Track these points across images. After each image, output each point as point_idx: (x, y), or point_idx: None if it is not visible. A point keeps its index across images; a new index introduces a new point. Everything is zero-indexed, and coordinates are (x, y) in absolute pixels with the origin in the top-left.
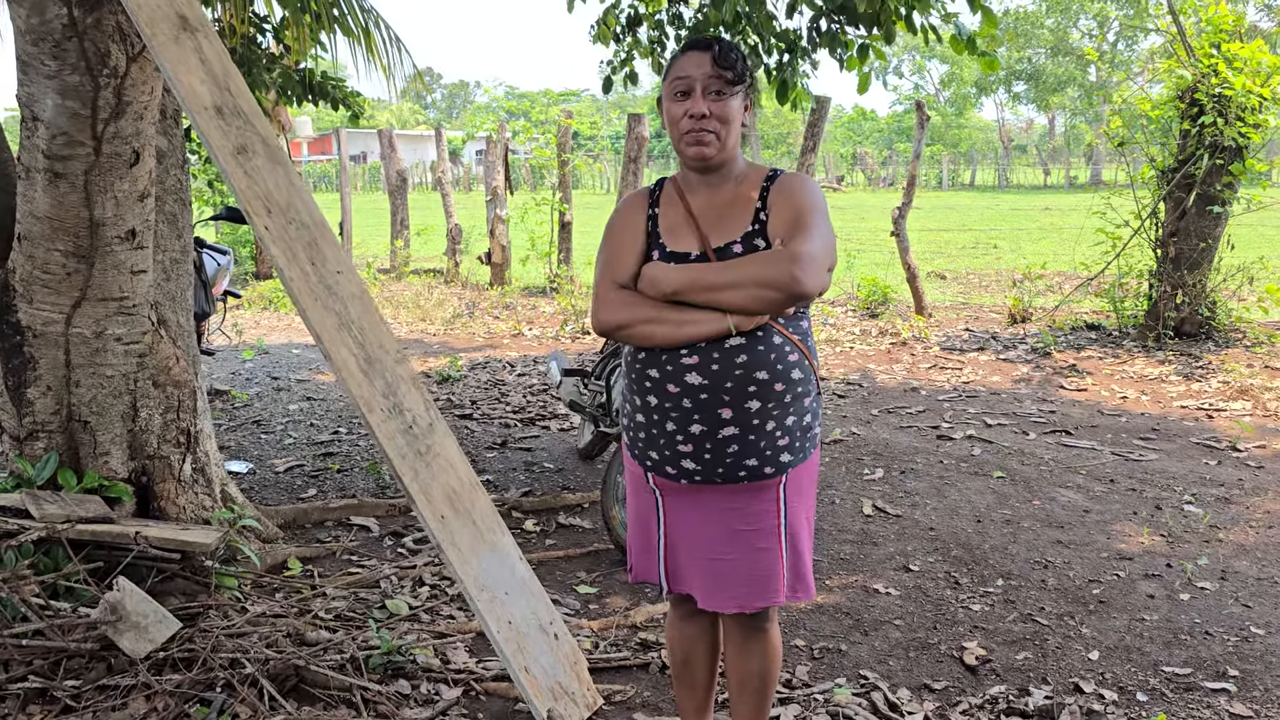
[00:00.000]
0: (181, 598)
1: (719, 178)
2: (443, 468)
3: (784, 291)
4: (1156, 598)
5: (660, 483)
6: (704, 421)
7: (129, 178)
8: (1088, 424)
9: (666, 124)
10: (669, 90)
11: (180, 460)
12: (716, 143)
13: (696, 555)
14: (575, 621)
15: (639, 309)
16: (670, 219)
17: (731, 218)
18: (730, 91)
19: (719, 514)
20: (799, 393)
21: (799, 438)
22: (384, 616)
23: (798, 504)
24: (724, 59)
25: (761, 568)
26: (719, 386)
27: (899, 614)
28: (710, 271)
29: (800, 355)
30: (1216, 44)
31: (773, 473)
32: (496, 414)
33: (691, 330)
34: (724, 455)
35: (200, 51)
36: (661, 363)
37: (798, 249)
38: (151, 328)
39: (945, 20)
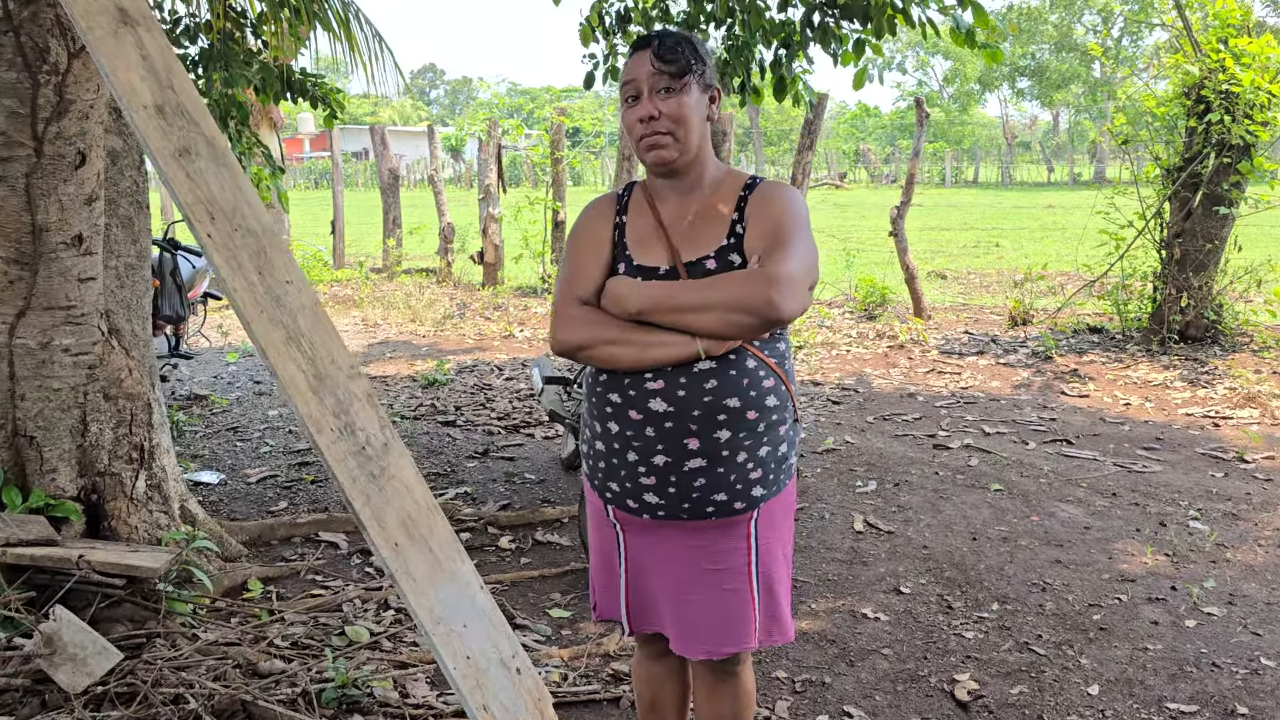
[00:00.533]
0: (129, 624)
1: (689, 184)
2: (398, 491)
3: (759, 316)
4: (1160, 624)
5: (621, 516)
6: (668, 452)
7: (74, 180)
8: (1089, 432)
9: (625, 131)
10: (621, 97)
11: (133, 477)
12: (674, 143)
13: (663, 595)
14: (544, 649)
15: (601, 328)
16: (638, 229)
17: (705, 230)
18: (678, 85)
19: (684, 551)
20: (773, 421)
21: (773, 469)
22: (343, 644)
23: (771, 540)
24: (666, 53)
25: (731, 610)
26: (685, 414)
27: (887, 642)
28: (680, 291)
29: (776, 380)
30: (1224, 39)
31: (743, 508)
32: (480, 420)
33: (657, 353)
34: (690, 489)
35: (141, 46)
36: (624, 387)
37: (776, 270)
38: (102, 338)
39: (943, 14)
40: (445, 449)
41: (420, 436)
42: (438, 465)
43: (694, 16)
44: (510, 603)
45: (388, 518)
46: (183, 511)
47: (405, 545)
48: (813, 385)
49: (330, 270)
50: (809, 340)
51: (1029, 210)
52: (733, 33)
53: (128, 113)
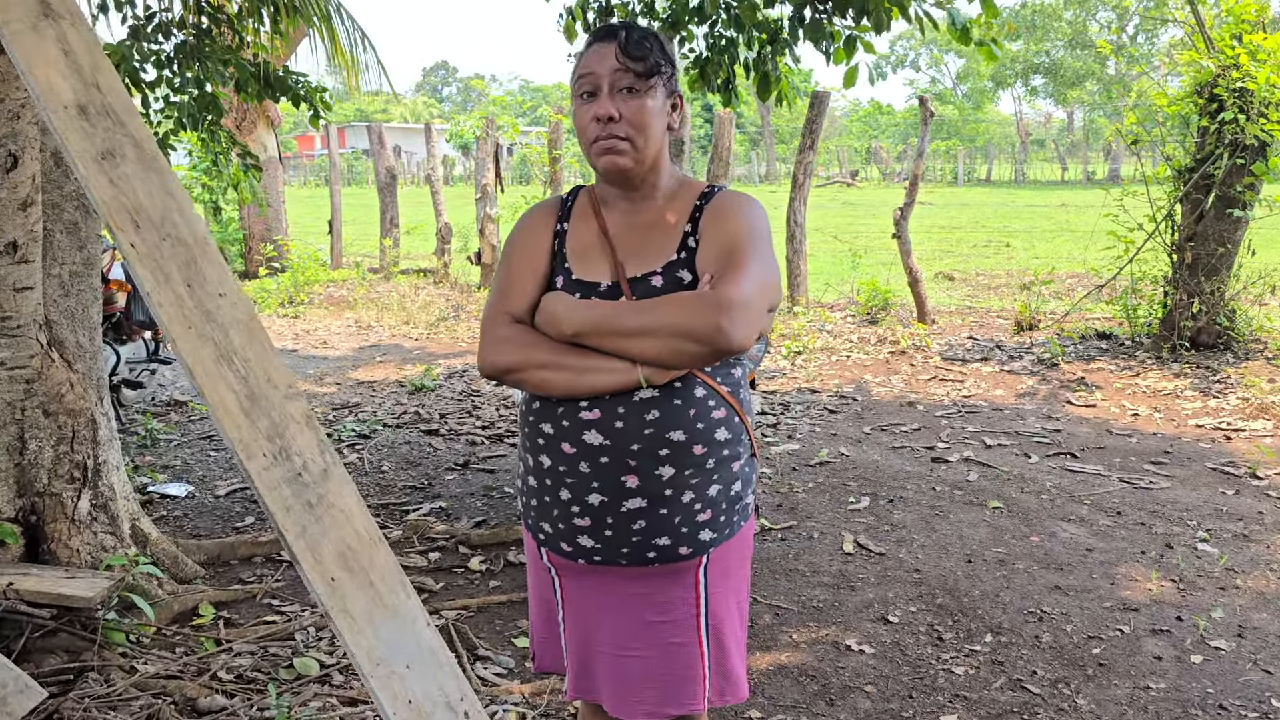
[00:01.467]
0: (63, 656)
1: (642, 194)
2: (336, 521)
3: (708, 345)
4: (1164, 659)
5: (556, 560)
6: (604, 490)
7: (6, 184)
8: (1095, 445)
9: (576, 131)
10: (574, 91)
11: (74, 497)
12: (632, 150)
13: (601, 648)
14: (505, 684)
15: (533, 351)
16: (580, 239)
17: (654, 243)
18: (643, 87)
19: (625, 601)
20: (724, 456)
21: (724, 510)
22: (291, 678)
23: (723, 588)
24: (633, 48)
25: (677, 667)
26: (623, 448)
27: (871, 677)
28: (620, 313)
29: (729, 411)
30: (1238, 35)
31: (690, 553)
32: (464, 430)
33: (594, 380)
34: (629, 532)
35: (64, 41)
36: (557, 416)
37: (728, 293)
38: (41, 350)
39: (940, 6)
40: (425, 460)
41: (400, 446)
42: (415, 477)
43: (679, 13)
44: (475, 630)
45: (324, 550)
46: (134, 531)
47: (343, 580)
48: (810, 393)
49: (327, 270)
50: (808, 346)
51: (1041, 209)
52: (716, 30)
53: (44, 113)
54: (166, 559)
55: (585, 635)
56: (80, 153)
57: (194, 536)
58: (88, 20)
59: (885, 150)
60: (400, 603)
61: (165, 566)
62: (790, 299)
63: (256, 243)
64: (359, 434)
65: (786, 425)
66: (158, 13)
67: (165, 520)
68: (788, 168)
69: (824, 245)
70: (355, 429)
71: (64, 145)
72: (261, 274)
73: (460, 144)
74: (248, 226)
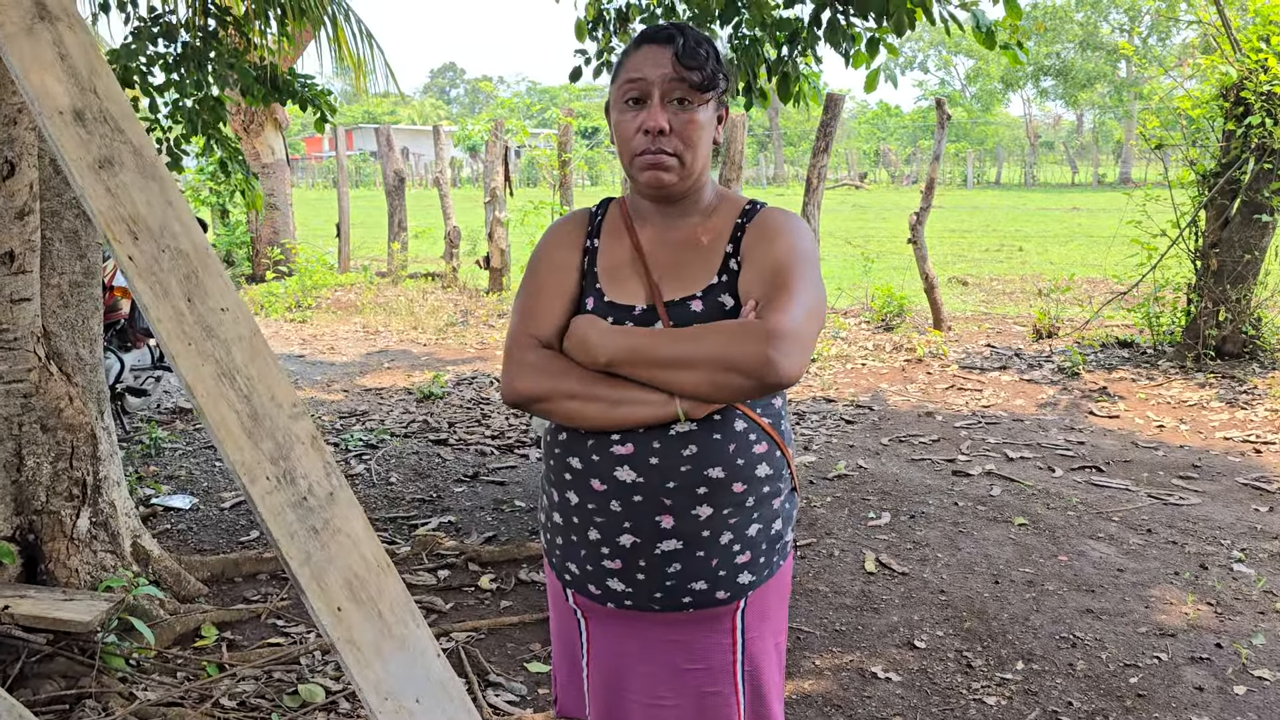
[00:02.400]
0: (60, 682)
1: (680, 209)
2: (343, 547)
3: (755, 379)
4: (1206, 690)
5: (582, 603)
6: (637, 531)
7: (3, 192)
8: (1120, 458)
9: (614, 138)
10: (619, 95)
11: (73, 515)
12: (679, 167)
13: (630, 696)
14: (517, 713)
15: (562, 379)
16: (613, 257)
17: (692, 264)
18: (698, 100)
19: (658, 648)
20: (765, 494)
21: (764, 551)
22: (295, 705)
23: (761, 631)
24: (690, 57)
25: (710, 716)
26: (658, 486)
27: (899, 708)
28: (660, 342)
29: (770, 445)
30: (1265, 37)
31: (727, 598)
32: (474, 439)
33: (628, 413)
34: (663, 576)
35: (60, 45)
36: (586, 450)
37: (777, 323)
38: (39, 364)
39: (964, 8)
40: (434, 471)
41: (409, 456)
42: (423, 490)
43: (701, 15)
44: (485, 654)
45: (330, 578)
46: (135, 549)
47: (350, 610)
48: (825, 402)
49: (334, 274)
50: (823, 353)
51: (1053, 213)
52: (740, 31)
53: (39, 119)
54: (168, 577)
55: (611, 682)
56: (76, 160)
57: (198, 551)
58: (86, 22)
59: (894, 153)
60: (409, 633)
61: (167, 585)
62: None
63: (264, 246)
64: (366, 444)
65: (802, 436)
66: (162, 14)
67: (169, 534)
68: (795, 170)
69: (836, 249)
70: (363, 438)
71: (59, 152)
72: (269, 277)
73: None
74: (255, 230)
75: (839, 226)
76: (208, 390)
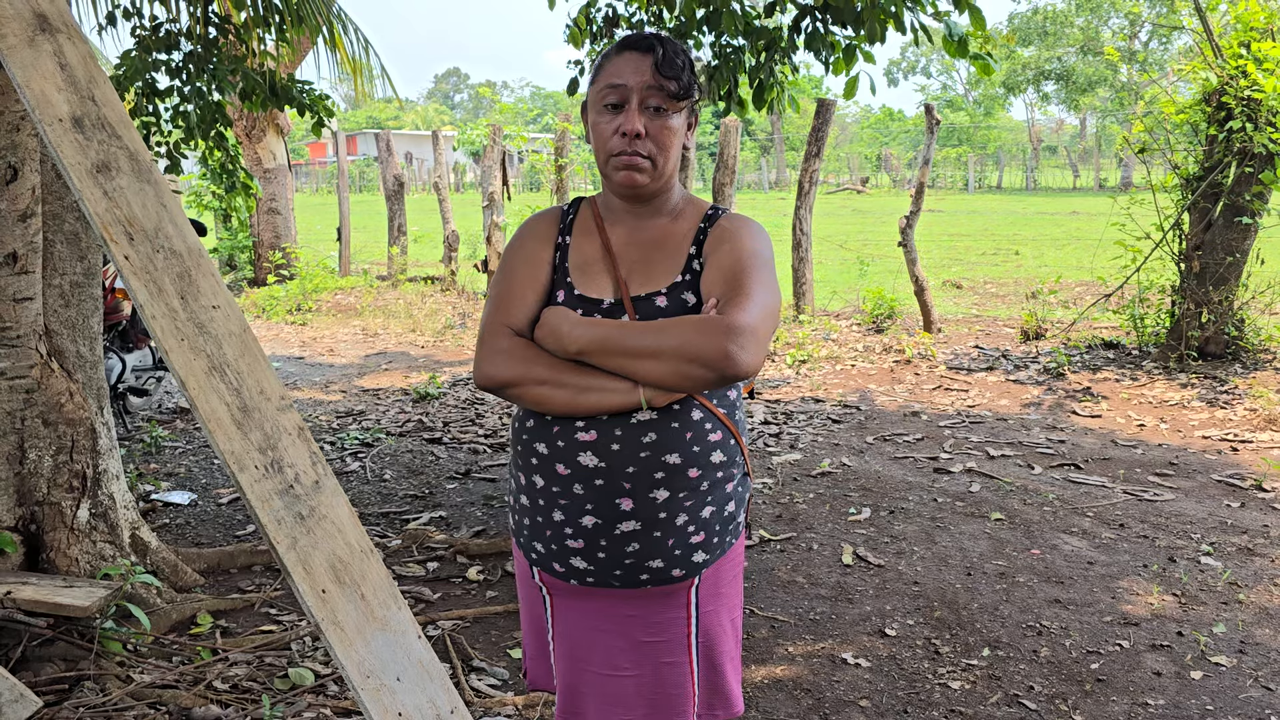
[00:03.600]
0: (60, 665)
1: (650, 209)
2: (328, 533)
3: (714, 370)
4: (1164, 675)
5: (548, 580)
6: (599, 513)
7: (6, 196)
8: (1099, 456)
9: (591, 138)
10: (596, 98)
11: (74, 506)
12: (651, 169)
13: (591, 668)
14: (499, 696)
15: (532, 366)
16: (583, 253)
17: (658, 262)
18: (673, 108)
19: (618, 622)
20: (718, 479)
21: (717, 531)
22: (285, 688)
23: (714, 606)
24: (669, 66)
25: (667, 686)
26: (619, 470)
27: (867, 691)
28: (627, 333)
29: (724, 433)
30: (1246, 43)
31: (682, 575)
32: (467, 438)
33: (594, 400)
34: (622, 554)
35: (60, 55)
36: (552, 436)
37: (736, 319)
38: (41, 360)
39: (938, 19)
40: (427, 468)
41: (403, 454)
42: (416, 486)
43: (688, 22)
44: (470, 641)
45: (315, 562)
46: (133, 540)
47: (334, 592)
48: (814, 402)
49: (335, 278)
50: (813, 354)
51: (1052, 217)
52: (722, 40)
53: (40, 126)
54: (166, 567)
55: (575, 654)
56: (74, 165)
57: (195, 544)
58: (85, 34)
59: (896, 157)
60: (391, 615)
61: (165, 575)
62: (796, 307)
63: (266, 250)
64: (362, 442)
65: (789, 435)
66: (164, 23)
67: (167, 528)
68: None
69: (831, 253)
70: (359, 437)
71: (58, 158)
72: (270, 281)
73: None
74: (257, 234)
75: (838, 230)
76: (199, 384)
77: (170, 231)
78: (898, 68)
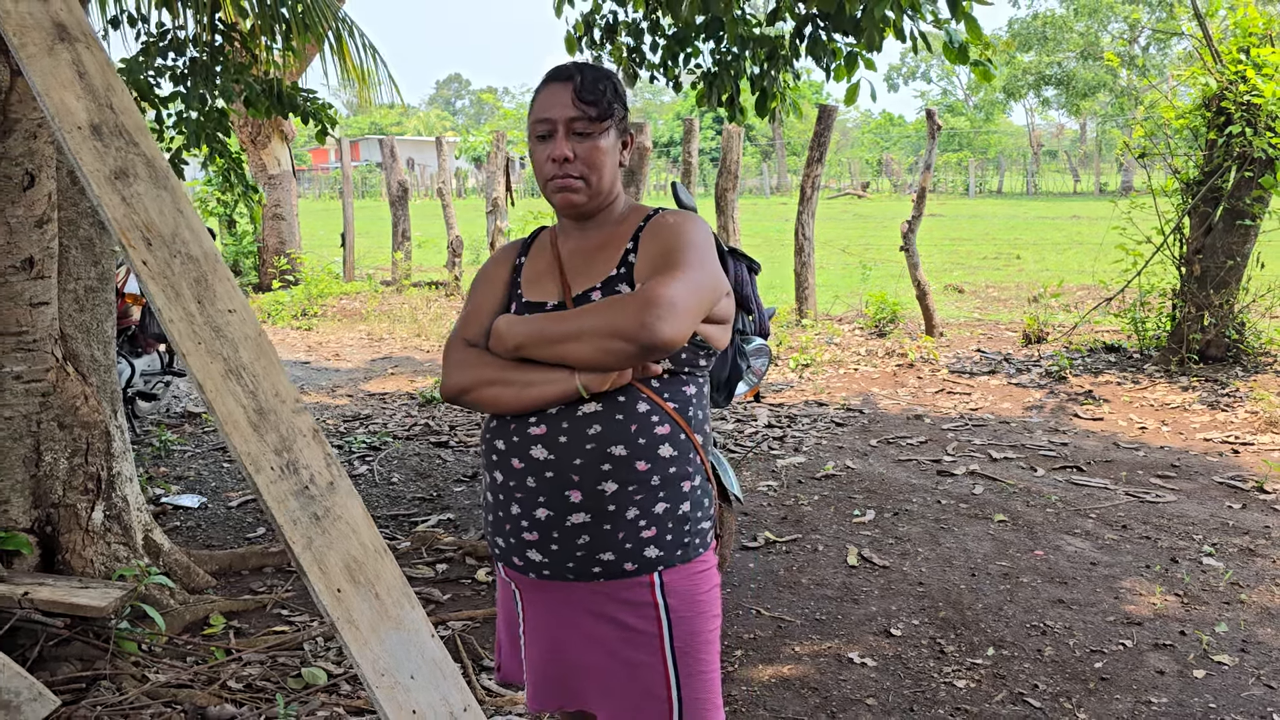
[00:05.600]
0: (77, 664)
1: (596, 223)
2: (342, 534)
3: (634, 341)
4: (1167, 674)
5: (512, 574)
6: (550, 505)
7: (23, 202)
8: (1101, 458)
9: (533, 166)
10: (530, 130)
11: (88, 508)
12: (585, 188)
13: (557, 660)
14: (509, 695)
15: (482, 369)
16: (535, 267)
17: (599, 262)
18: (595, 130)
19: (580, 615)
20: (670, 474)
21: (672, 530)
22: (299, 687)
23: (692, 612)
24: (588, 93)
25: (640, 684)
26: (567, 463)
27: (873, 690)
28: (553, 322)
29: (674, 427)
30: (1245, 49)
31: (635, 569)
32: (473, 442)
33: (537, 392)
34: (574, 546)
35: (78, 64)
36: (509, 432)
37: (654, 291)
38: (56, 364)
39: (938, 26)
40: (434, 471)
41: (410, 458)
42: (424, 489)
43: (685, 30)
44: (480, 641)
45: (330, 562)
46: (146, 542)
47: (349, 591)
48: (817, 405)
49: (340, 283)
50: (816, 358)
51: (1053, 221)
52: (722, 47)
53: (59, 134)
54: (178, 569)
55: (544, 648)
56: (93, 172)
57: (206, 547)
58: (102, 42)
59: (897, 162)
60: (405, 614)
61: (177, 577)
62: (799, 312)
63: (271, 255)
64: (370, 446)
65: (793, 438)
66: (171, 30)
67: (178, 531)
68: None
69: (833, 258)
70: (366, 441)
71: (77, 165)
72: (275, 286)
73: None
74: (262, 239)
75: (840, 235)
76: (216, 386)
77: (187, 237)
78: (898, 73)
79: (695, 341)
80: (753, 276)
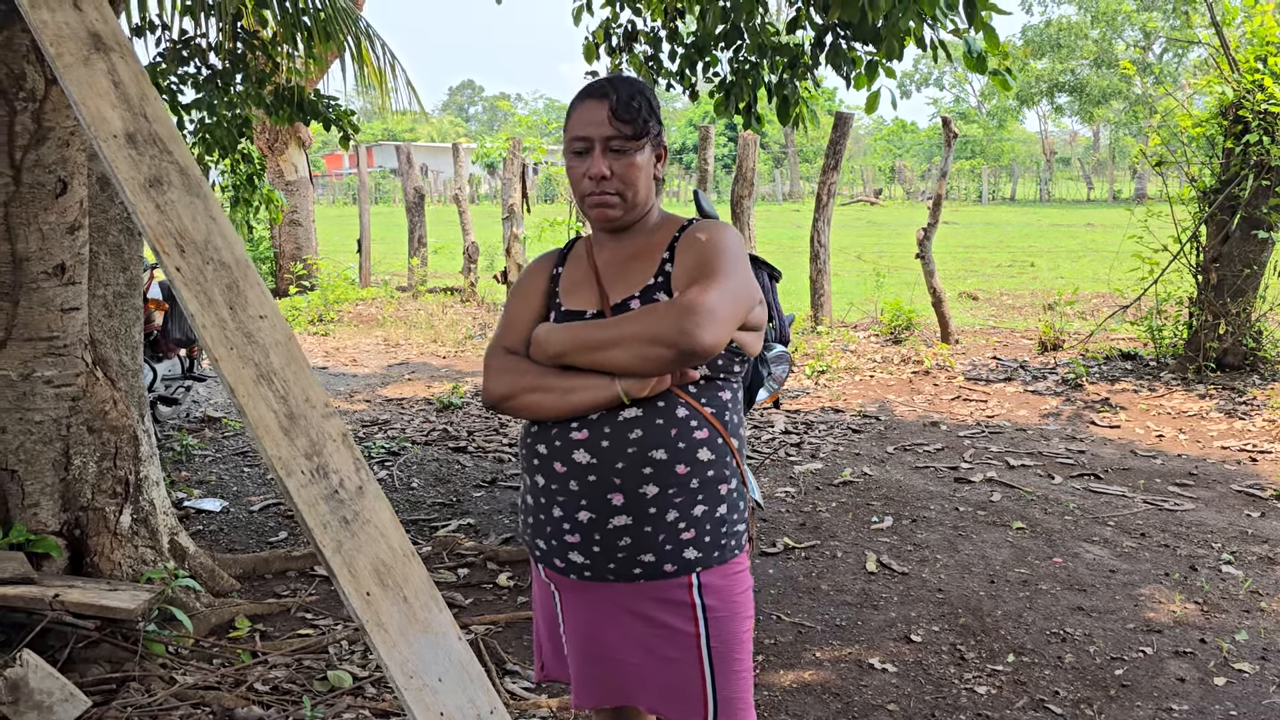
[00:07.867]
0: (106, 666)
1: (631, 234)
2: (371, 537)
3: (673, 348)
4: (1187, 682)
5: (552, 576)
6: (592, 507)
7: (55, 209)
8: (1119, 466)
9: (570, 181)
10: (567, 145)
11: (117, 512)
12: (622, 204)
13: (602, 659)
14: (532, 699)
15: (523, 377)
16: (572, 276)
17: (635, 271)
18: (633, 147)
19: (620, 614)
20: (709, 477)
21: (709, 531)
22: (325, 690)
23: (730, 612)
24: (624, 111)
25: (676, 680)
26: (609, 466)
27: (894, 696)
28: (593, 329)
29: (712, 432)
30: (1262, 57)
31: (675, 570)
32: (492, 447)
33: (578, 398)
34: (615, 548)
35: (113, 73)
36: (551, 437)
37: (692, 299)
38: (86, 369)
39: (957, 35)
40: (453, 477)
41: (429, 463)
42: (443, 494)
43: (703, 38)
44: (503, 645)
45: (359, 565)
46: (172, 546)
47: (378, 595)
48: (834, 412)
49: (356, 289)
50: (832, 365)
51: (1067, 229)
52: (740, 55)
53: (95, 143)
54: (204, 573)
55: (584, 645)
56: (128, 179)
57: (228, 551)
58: (136, 52)
59: (909, 169)
60: (433, 617)
61: (202, 580)
62: (814, 319)
63: (287, 261)
64: (389, 451)
65: (810, 444)
66: (194, 37)
67: (200, 535)
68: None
69: (848, 265)
70: (385, 446)
71: (113, 173)
72: (292, 292)
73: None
74: (279, 245)
75: (853, 242)
76: (248, 391)
77: (219, 244)
78: (910, 80)
79: (730, 348)
80: (773, 284)
